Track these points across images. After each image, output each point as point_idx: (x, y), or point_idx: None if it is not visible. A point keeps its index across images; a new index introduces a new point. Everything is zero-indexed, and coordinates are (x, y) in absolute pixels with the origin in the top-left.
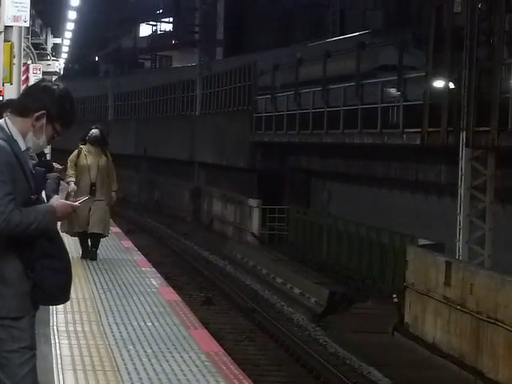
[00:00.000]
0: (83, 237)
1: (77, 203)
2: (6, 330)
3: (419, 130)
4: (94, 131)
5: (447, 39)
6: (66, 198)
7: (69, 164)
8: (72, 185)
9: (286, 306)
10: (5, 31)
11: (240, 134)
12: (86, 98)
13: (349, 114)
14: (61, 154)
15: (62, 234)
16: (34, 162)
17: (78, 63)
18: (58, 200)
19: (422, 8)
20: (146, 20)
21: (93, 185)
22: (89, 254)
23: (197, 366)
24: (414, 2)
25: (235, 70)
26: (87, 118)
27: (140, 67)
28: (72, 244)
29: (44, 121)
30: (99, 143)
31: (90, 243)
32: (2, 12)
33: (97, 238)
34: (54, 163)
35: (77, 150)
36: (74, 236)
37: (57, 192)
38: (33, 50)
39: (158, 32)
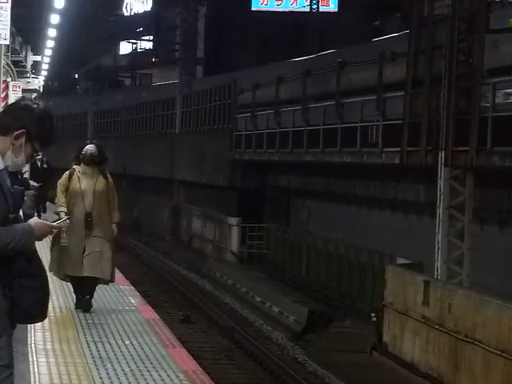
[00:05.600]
0: (76, 282)
1: (55, 223)
2: None
3: (398, 149)
4: (90, 147)
5: (427, 57)
6: (59, 233)
7: (58, 189)
8: (63, 215)
9: (265, 324)
10: None
11: (220, 152)
12: (65, 115)
13: (328, 133)
14: None
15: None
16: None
17: (58, 81)
18: (36, 219)
19: (402, 26)
20: (126, 38)
21: (88, 215)
22: (82, 303)
23: None
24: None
25: (215, 88)
26: (67, 136)
27: (120, 85)
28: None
29: (23, 139)
30: (96, 163)
31: (83, 289)
32: None
33: (91, 283)
34: (30, 181)
35: (68, 172)
36: (64, 280)
37: (33, 209)
38: (12, 67)
39: (138, 50)
